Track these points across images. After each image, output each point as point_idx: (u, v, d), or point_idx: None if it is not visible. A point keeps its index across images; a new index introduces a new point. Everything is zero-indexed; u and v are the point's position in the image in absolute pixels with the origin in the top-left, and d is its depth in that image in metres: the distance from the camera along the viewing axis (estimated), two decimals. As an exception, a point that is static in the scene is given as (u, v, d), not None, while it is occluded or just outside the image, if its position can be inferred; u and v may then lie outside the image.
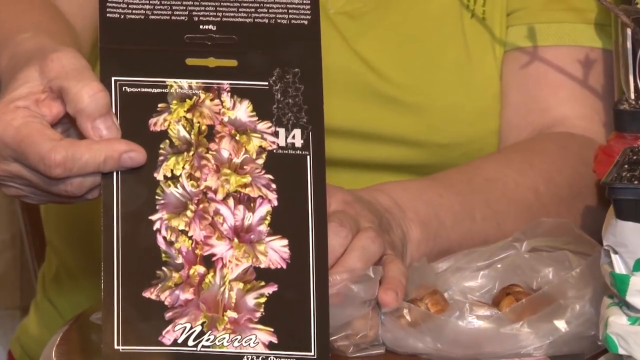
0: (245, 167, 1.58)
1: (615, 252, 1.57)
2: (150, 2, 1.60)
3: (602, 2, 1.73)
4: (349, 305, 1.67)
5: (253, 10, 1.61)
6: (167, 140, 1.58)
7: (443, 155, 2.06)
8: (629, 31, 1.85)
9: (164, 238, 1.55)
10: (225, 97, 1.59)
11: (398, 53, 2.06)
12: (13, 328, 2.33)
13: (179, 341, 1.53)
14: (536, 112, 2.05)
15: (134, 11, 1.60)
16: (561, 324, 1.67)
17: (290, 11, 1.60)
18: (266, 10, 1.61)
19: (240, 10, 1.60)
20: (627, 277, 1.56)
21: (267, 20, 1.60)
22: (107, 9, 1.59)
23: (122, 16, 1.59)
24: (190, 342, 1.53)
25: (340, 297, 1.64)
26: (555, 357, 1.66)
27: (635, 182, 1.56)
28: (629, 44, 1.89)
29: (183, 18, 1.58)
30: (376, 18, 2.06)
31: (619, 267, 1.57)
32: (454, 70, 2.07)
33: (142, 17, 1.59)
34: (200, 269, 1.55)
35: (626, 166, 1.60)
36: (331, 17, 2.02)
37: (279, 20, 1.60)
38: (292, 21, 1.60)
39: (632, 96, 1.87)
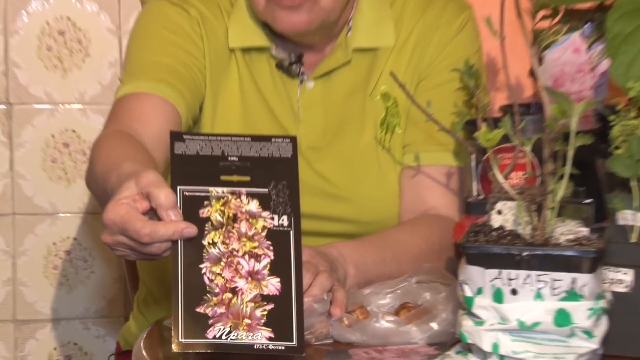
0: (255, 237, 1.60)
1: (466, 284, 1.59)
2: (200, 144, 1.62)
3: (457, 139, 1.72)
4: (312, 316, 1.71)
5: (259, 149, 1.62)
6: (210, 222, 1.60)
7: (368, 228, 2.02)
8: (473, 156, 1.89)
9: (208, 278, 1.58)
10: (244, 198, 1.61)
11: (341, 170, 2.05)
12: (119, 329, 2.32)
13: (217, 336, 1.57)
14: (419, 203, 2.03)
15: (190, 150, 1.62)
16: (435, 325, 1.70)
17: (280, 150, 1.62)
18: (267, 149, 1.63)
19: (251, 149, 1.62)
20: (472, 298, 1.58)
21: (267, 155, 1.63)
22: (175, 150, 1.62)
23: (184, 153, 1.62)
24: (224, 337, 1.57)
25: (307, 312, 1.65)
26: (431, 344, 1.68)
27: (477, 243, 1.58)
28: (473, 164, 1.91)
29: (219, 154, 1.60)
30: (329, 150, 2.05)
31: (468, 292, 1.58)
32: (374, 180, 2.05)
33: (195, 153, 1.62)
34: (229, 295, 1.58)
35: (472, 234, 1.61)
36: (302, 151, 1.99)
37: (274, 155, 1.63)
38: (282, 155, 1.63)
39: (475, 194, 1.90)
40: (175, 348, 1.55)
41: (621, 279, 1.65)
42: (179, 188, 1.60)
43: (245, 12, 2.02)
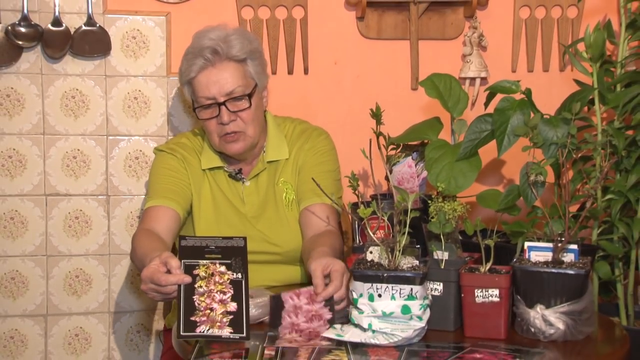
0: (223, 283, 1.54)
1: (353, 291, 1.54)
2: (194, 241, 1.59)
3: (346, 211, 1.70)
4: (264, 311, 1.63)
5: (226, 242, 1.59)
6: (199, 276, 1.54)
7: (283, 255, 1.96)
8: (357, 222, 1.84)
9: (197, 303, 1.52)
10: (218, 265, 1.55)
11: (269, 226, 1.98)
12: (164, 316, 2.25)
13: (201, 331, 1.49)
14: (316, 227, 1.92)
15: (189, 243, 1.59)
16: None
17: (237, 242, 1.60)
18: (230, 242, 1.59)
19: (222, 242, 1.58)
20: (357, 299, 1.53)
21: (230, 245, 1.59)
22: (181, 243, 1.59)
23: (186, 245, 1.58)
24: (205, 332, 1.49)
25: (262, 311, 1.63)
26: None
27: (359, 269, 1.53)
28: (356, 226, 1.85)
29: (204, 245, 1.59)
30: (261, 216, 1.98)
31: (354, 296, 1.53)
32: (285, 228, 1.97)
33: (192, 245, 1.59)
34: (208, 311, 1.51)
35: (357, 264, 1.56)
36: (249, 218, 1.96)
37: (234, 245, 1.59)
38: (238, 245, 1.59)
39: (358, 242, 1.84)
40: (177, 337, 1.51)
41: (436, 287, 1.63)
42: (182, 261, 1.57)
43: (209, 150, 2.02)
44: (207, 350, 1.48)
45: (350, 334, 1.51)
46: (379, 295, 1.51)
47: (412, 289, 1.51)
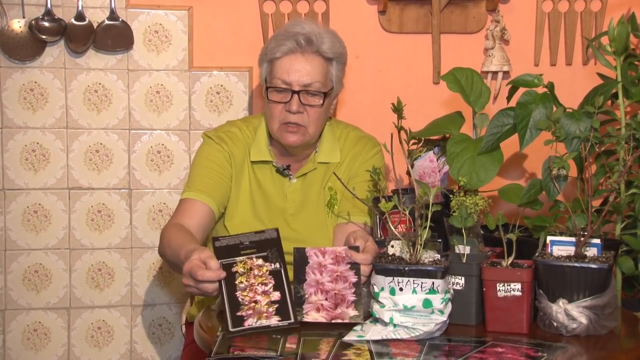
0: (262, 275, 1.56)
1: (375, 285, 1.55)
2: (227, 240, 1.62)
3: (369, 206, 1.70)
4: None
5: (259, 236, 1.61)
6: (238, 273, 1.56)
7: None
8: (377, 216, 1.84)
9: (241, 298, 1.54)
10: (255, 259, 1.58)
11: (305, 226, 1.98)
12: (186, 310, 2.27)
13: (250, 324, 1.51)
14: (349, 240, 1.85)
15: (222, 243, 1.61)
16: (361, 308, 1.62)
17: (270, 234, 1.62)
18: (263, 235, 1.61)
19: (255, 236, 1.60)
20: (378, 293, 1.54)
21: (263, 238, 1.61)
22: (215, 244, 1.60)
23: (219, 245, 1.60)
24: (254, 324, 1.51)
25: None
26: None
27: (381, 263, 1.54)
28: (377, 220, 1.84)
29: (238, 242, 1.60)
30: (300, 215, 1.99)
31: (376, 289, 1.54)
32: (322, 232, 1.98)
33: (225, 245, 1.61)
34: (253, 304, 1.53)
35: (378, 258, 1.57)
36: (287, 217, 1.97)
37: (267, 238, 1.61)
38: (271, 237, 1.60)
39: (379, 236, 1.83)
40: (227, 333, 1.52)
41: (457, 282, 1.64)
42: (220, 261, 1.58)
43: (260, 143, 2.00)
44: (229, 343, 1.50)
45: (371, 333, 1.52)
46: (400, 289, 1.52)
47: (433, 283, 1.51)
